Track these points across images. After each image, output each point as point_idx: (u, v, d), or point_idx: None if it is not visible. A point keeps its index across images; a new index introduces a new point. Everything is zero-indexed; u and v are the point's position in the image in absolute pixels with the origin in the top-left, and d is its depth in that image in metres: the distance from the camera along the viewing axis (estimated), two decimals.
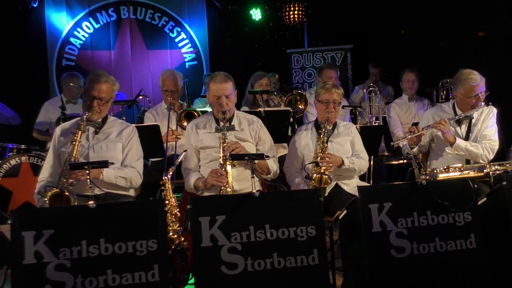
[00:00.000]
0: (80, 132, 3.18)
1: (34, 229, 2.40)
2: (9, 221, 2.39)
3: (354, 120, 5.35)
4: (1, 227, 3.18)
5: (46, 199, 2.99)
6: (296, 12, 7.81)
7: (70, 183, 3.03)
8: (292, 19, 7.83)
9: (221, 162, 3.25)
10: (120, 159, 3.39)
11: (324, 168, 3.38)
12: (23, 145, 5.11)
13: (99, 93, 3.32)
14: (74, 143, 3.15)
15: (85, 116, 3.25)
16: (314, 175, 3.38)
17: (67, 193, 2.98)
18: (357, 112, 5.21)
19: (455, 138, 3.72)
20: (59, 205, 2.95)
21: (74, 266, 2.42)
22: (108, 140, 3.37)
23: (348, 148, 3.69)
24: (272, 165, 3.53)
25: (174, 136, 4.40)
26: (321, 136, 3.55)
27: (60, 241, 2.42)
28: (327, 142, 3.54)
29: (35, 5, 7.18)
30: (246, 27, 7.99)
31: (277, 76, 7.06)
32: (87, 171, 2.87)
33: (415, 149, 3.84)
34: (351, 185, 3.60)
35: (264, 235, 2.64)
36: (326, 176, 3.35)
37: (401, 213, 2.77)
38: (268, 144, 3.61)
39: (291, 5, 7.75)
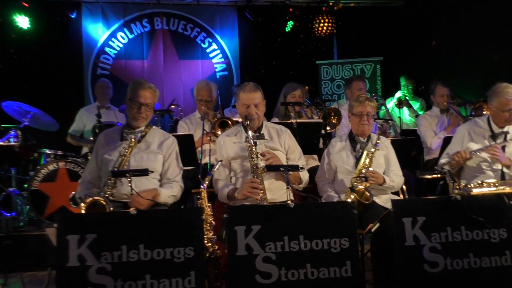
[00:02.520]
0: (130, 149, 3.29)
1: (78, 233, 2.51)
2: (55, 225, 2.49)
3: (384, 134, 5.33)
4: (46, 230, 3.29)
5: (83, 205, 3.08)
6: (326, 23, 7.84)
7: (112, 194, 3.15)
8: (322, 31, 7.87)
9: (253, 171, 3.31)
10: (159, 171, 3.46)
11: (367, 184, 3.41)
12: (59, 151, 5.28)
13: (146, 99, 3.40)
14: (123, 157, 3.25)
15: (139, 135, 3.35)
16: (358, 186, 3.40)
17: (103, 202, 3.06)
18: (388, 125, 5.20)
19: (510, 161, 3.72)
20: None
21: (114, 270, 2.51)
22: (149, 150, 3.44)
23: (382, 162, 3.71)
24: (304, 175, 3.58)
25: (209, 138, 4.50)
26: (371, 150, 3.57)
27: (102, 245, 2.52)
28: (371, 158, 3.56)
29: (73, 16, 7.41)
30: (276, 38, 8.06)
31: (306, 88, 7.09)
32: (129, 179, 2.96)
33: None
34: (383, 198, 3.60)
35: (298, 245, 2.69)
36: (368, 194, 3.38)
37: (435, 228, 2.79)
38: (297, 154, 3.66)
39: (321, 17, 7.80)
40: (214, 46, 8.01)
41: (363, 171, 3.50)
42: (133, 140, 3.30)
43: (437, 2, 7.18)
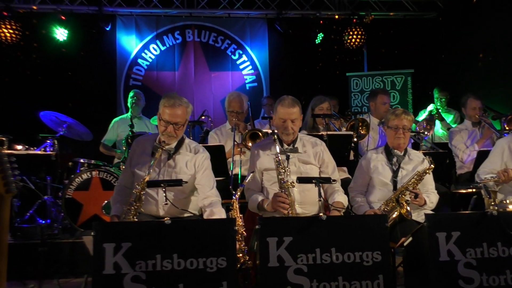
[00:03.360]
0: (155, 161, 3.26)
1: (114, 242, 2.56)
2: (92, 233, 2.55)
3: (415, 146, 5.27)
4: (83, 238, 3.37)
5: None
6: (356, 35, 7.83)
7: (137, 206, 3.18)
8: (352, 43, 7.86)
9: (280, 186, 3.32)
10: (187, 192, 3.44)
11: (411, 201, 3.40)
12: (93, 161, 5.40)
13: (174, 118, 3.33)
14: (151, 170, 3.22)
15: (163, 146, 3.31)
16: (404, 201, 3.39)
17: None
18: (420, 138, 5.15)
19: None
20: None
21: (148, 278, 2.55)
22: (179, 169, 3.40)
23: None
24: (345, 199, 3.53)
25: (239, 149, 4.53)
26: (421, 171, 3.56)
27: (137, 254, 2.57)
28: (419, 179, 3.55)
29: (108, 29, 7.62)
30: (306, 50, 8.09)
31: (335, 101, 7.08)
32: (163, 189, 3.01)
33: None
34: (415, 213, 3.57)
35: (330, 258, 2.69)
36: (407, 212, 3.36)
37: (470, 243, 2.75)
38: (331, 167, 3.64)
39: (352, 29, 7.79)
40: (244, 57, 8.09)
41: (410, 188, 3.49)
42: (159, 149, 3.28)
43: (470, 13, 7.09)
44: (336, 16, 8.07)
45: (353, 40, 7.81)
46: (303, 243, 2.68)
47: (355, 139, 4.51)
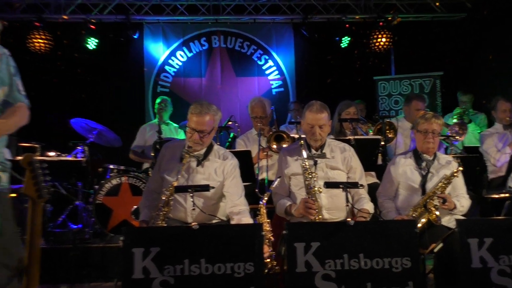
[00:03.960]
0: (184, 166, 3.28)
1: (143, 246, 2.59)
2: (121, 238, 2.59)
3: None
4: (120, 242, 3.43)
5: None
6: (383, 39, 7.75)
7: (166, 212, 3.20)
8: (379, 46, 7.78)
9: (307, 191, 3.32)
10: (216, 198, 3.44)
11: (440, 206, 3.35)
12: (122, 166, 5.49)
13: (201, 126, 3.31)
14: (179, 175, 3.24)
15: (191, 152, 3.31)
16: (432, 207, 3.34)
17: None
18: (450, 142, 5.06)
19: None
20: None
21: (177, 283, 2.59)
22: (208, 175, 3.40)
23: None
24: (371, 206, 3.48)
25: (265, 153, 4.54)
26: (448, 174, 3.50)
27: (165, 259, 2.60)
28: (448, 183, 3.49)
29: (136, 36, 7.75)
30: (332, 54, 8.06)
31: (363, 104, 7.03)
32: (191, 195, 3.03)
33: None
34: (446, 218, 3.50)
35: (358, 264, 2.67)
36: (436, 218, 3.31)
37: (504, 250, 2.69)
38: (359, 173, 3.61)
39: (378, 32, 7.72)
40: (270, 63, 8.10)
41: (438, 192, 3.43)
42: (186, 155, 3.30)
43: (499, 14, 6.94)
44: (362, 20, 8.00)
45: (380, 43, 7.72)
46: (330, 249, 2.67)
47: (383, 143, 4.46)
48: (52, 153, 5.50)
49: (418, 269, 2.72)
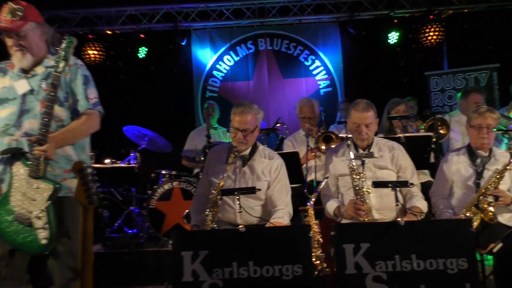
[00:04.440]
0: (229, 166, 3.32)
1: (192, 250, 2.61)
2: (170, 242, 2.63)
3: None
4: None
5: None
6: (434, 32, 7.50)
7: (215, 212, 3.24)
8: (430, 40, 7.54)
9: (356, 192, 3.25)
10: (263, 198, 3.43)
11: (494, 203, 3.20)
12: (174, 171, 5.59)
13: (243, 125, 3.36)
14: (225, 174, 3.28)
15: (235, 151, 3.36)
16: (485, 204, 3.19)
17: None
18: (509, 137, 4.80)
19: None
20: None
21: (226, 286, 2.58)
22: (255, 175, 3.42)
23: (507, 179, 3.41)
24: (424, 205, 3.36)
25: (314, 154, 4.49)
26: (501, 167, 3.34)
27: (214, 261, 2.61)
28: (500, 177, 3.33)
29: (183, 43, 7.90)
30: (381, 51, 7.88)
31: (415, 101, 6.81)
32: (237, 197, 3.05)
33: None
34: (506, 216, 3.33)
35: (411, 265, 2.57)
36: (492, 213, 3.15)
37: None
38: (409, 172, 3.49)
39: (429, 26, 7.48)
40: (317, 63, 8.03)
41: (490, 188, 3.27)
42: (232, 154, 3.34)
43: None
44: (411, 14, 7.79)
45: (432, 37, 7.49)
46: (381, 250, 2.59)
47: (434, 140, 4.31)
48: (107, 161, 5.69)
49: (476, 271, 2.59)
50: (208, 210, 3.26)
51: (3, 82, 2.64)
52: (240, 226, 2.68)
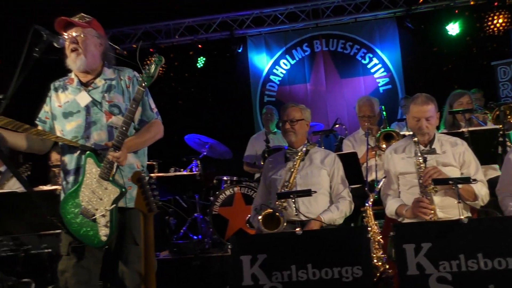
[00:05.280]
0: (298, 161, 3.51)
1: (250, 254, 2.65)
2: (229, 246, 2.68)
3: None
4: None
5: (260, 217, 3.32)
6: (499, 20, 7.13)
7: (284, 207, 3.31)
8: (495, 28, 7.17)
9: (422, 190, 3.15)
10: (325, 186, 3.57)
11: None
12: (235, 177, 5.68)
13: (288, 116, 3.64)
14: (292, 170, 3.48)
15: (304, 149, 3.57)
16: None
17: (277, 214, 3.25)
18: None
19: None
20: (270, 224, 3.26)
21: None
22: (313, 166, 3.60)
23: None
24: (479, 189, 3.23)
25: (374, 152, 4.43)
26: None
27: (273, 265, 2.63)
28: None
29: (240, 50, 8.03)
30: (442, 43, 7.59)
31: (481, 93, 6.50)
32: (293, 200, 3.06)
33: None
34: None
35: (477, 265, 2.47)
36: None
37: None
38: (473, 168, 3.33)
39: (493, 13, 7.12)
40: (375, 61, 7.87)
41: None
42: (299, 154, 3.51)
43: None
44: (474, 2, 7.45)
45: (497, 25, 7.12)
46: (444, 249, 2.50)
47: (501, 132, 4.08)
48: (172, 169, 5.88)
49: None
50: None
51: (65, 97, 2.77)
52: (297, 229, 2.69)
